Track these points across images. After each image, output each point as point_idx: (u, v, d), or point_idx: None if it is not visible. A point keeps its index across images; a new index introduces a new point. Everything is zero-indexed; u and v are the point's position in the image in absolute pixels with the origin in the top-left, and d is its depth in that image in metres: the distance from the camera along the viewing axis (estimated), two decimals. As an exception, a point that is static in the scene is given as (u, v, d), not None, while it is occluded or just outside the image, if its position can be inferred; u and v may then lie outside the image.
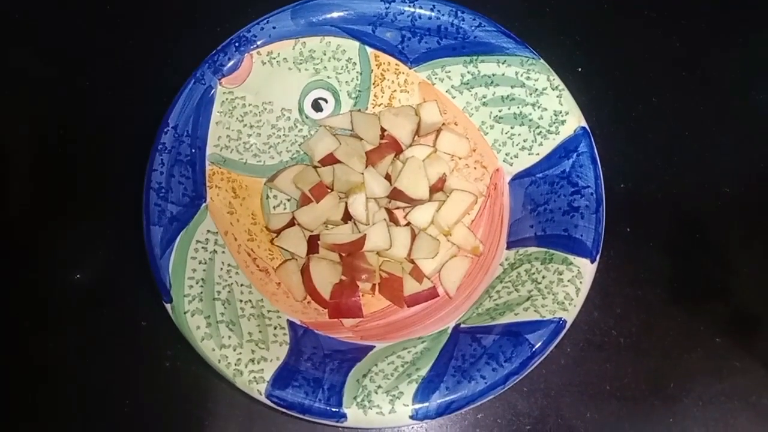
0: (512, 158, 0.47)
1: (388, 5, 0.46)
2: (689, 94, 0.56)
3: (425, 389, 0.37)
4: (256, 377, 0.38)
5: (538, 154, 0.45)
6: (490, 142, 0.48)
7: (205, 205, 0.43)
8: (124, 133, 0.52)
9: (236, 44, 0.45)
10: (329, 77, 0.49)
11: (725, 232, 0.52)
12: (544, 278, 0.41)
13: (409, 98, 0.49)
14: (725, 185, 0.53)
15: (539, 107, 0.45)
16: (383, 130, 0.48)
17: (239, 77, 0.46)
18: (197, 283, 0.40)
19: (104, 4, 0.58)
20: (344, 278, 0.45)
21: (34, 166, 0.52)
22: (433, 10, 0.45)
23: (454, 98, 0.48)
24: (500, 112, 0.47)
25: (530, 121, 0.45)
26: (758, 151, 0.55)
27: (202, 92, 0.44)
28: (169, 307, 0.39)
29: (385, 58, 0.48)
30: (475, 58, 0.46)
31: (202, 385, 0.46)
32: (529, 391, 0.47)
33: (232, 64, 0.45)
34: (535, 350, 0.38)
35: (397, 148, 0.48)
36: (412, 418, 0.37)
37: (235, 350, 0.38)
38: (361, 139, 0.48)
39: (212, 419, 0.45)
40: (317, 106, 0.49)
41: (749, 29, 0.58)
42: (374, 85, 0.49)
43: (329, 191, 0.47)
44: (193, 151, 0.44)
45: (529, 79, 0.45)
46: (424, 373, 0.38)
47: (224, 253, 0.43)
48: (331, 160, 0.48)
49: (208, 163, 0.45)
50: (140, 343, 0.47)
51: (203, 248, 0.42)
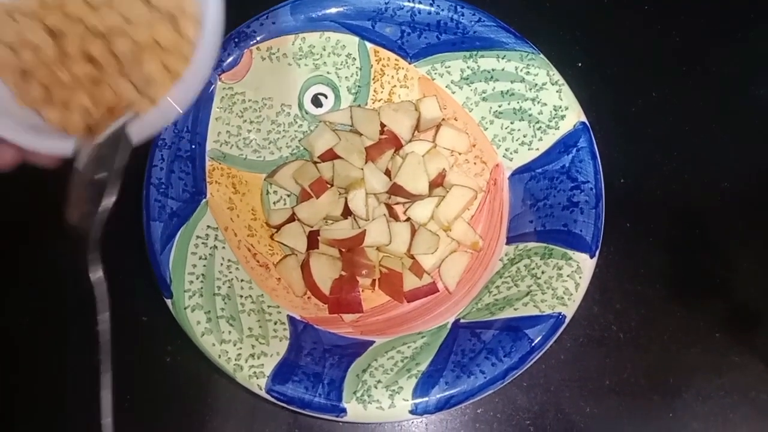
0: (512, 153, 0.47)
1: (387, 0, 0.46)
2: (689, 89, 0.56)
3: (425, 384, 0.38)
4: (256, 372, 0.38)
5: (537, 149, 0.45)
6: (489, 137, 0.48)
7: (205, 200, 0.43)
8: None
9: (236, 40, 0.45)
10: (329, 73, 0.49)
11: (725, 227, 0.52)
12: (543, 273, 0.41)
13: (408, 93, 0.49)
14: (725, 180, 0.53)
15: (539, 102, 0.45)
16: (383, 125, 0.48)
17: (239, 73, 0.46)
18: (197, 278, 0.40)
19: None
20: (344, 273, 0.45)
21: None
22: (432, 5, 0.45)
23: (453, 93, 0.48)
24: (500, 107, 0.47)
25: (530, 116, 0.45)
26: (758, 146, 0.54)
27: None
28: (169, 302, 0.39)
29: (384, 53, 0.48)
30: (474, 53, 0.46)
31: (202, 380, 0.46)
32: (528, 385, 0.47)
33: (231, 59, 0.45)
34: (534, 345, 0.38)
35: (396, 143, 0.48)
36: (411, 412, 0.37)
37: (235, 345, 0.38)
38: (360, 134, 0.48)
39: (212, 414, 0.45)
40: (317, 101, 0.49)
41: (749, 24, 0.58)
42: (374, 80, 0.49)
43: (329, 187, 0.47)
44: (193, 147, 0.44)
45: (528, 74, 0.45)
46: (423, 368, 0.39)
47: (224, 248, 0.43)
48: (330, 155, 0.48)
49: (208, 158, 0.45)
50: (141, 338, 0.47)
51: (203, 244, 0.42)
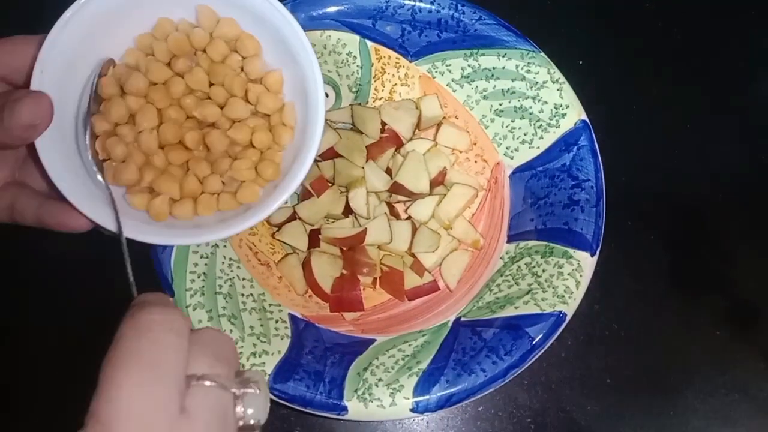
0: (513, 152, 0.47)
1: (388, -1, 0.46)
2: (690, 86, 0.56)
3: (426, 382, 0.38)
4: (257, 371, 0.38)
5: (538, 147, 0.45)
6: (490, 135, 0.48)
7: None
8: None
9: (236, 38, 0.45)
10: (330, 71, 0.48)
11: (725, 224, 0.52)
12: (544, 271, 0.41)
13: (409, 92, 0.49)
14: (726, 177, 0.53)
15: (540, 100, 0.45)
16: (384, 123, 0.48)
17: (239, 71, 0.45)
18: (199, 277, 0.40)
19: None
20: (345, 272, 0.46)
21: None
22: (433, 3, 0.45)
23: (454, 92, 0.48)
24: (501, 105, 0.47)
25: (531, 114, 0.45)
26: (758, 143, 0.54)
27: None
28: (171, 300, 0.40)
29: (385, 51, 0.48)
30: (475, 51, 0.46)
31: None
32: (529, 383, 0.47)
33: (232, 58, 0.45)
34: (535, 343, 0.38)
35: (397, 141, 0.48)
36: (412, 411, 0.37)
37: (236, 344, 0.39)
38: (361, 133, 0.48)
39: (215, 412, 0.45)
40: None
41: (750, 21, 0.58)
42: (375, 78, 0.49)
43: (330, 185, 0.47)
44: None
45: (529, 72, 0.45)
46: (424, 366, 0.39)
47: (226, 247, 0.43)
48: (331, 154, 0.48)
49: (209, 157, 0.45)
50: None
51: (205, 243, 0.42)
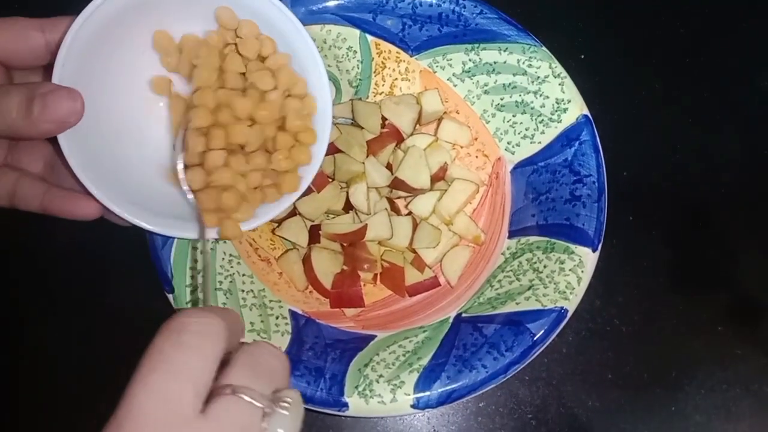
0: (514, 147, 0.46)
1: (388, -7, 0.45)
2: (692, 81, 0.55)
3: (426, 378, 0.38)
4: (258, 367, 0.38)
5: (540, 142, 0.45)
6: (491, 130, 0.47)
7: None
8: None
9: (236, 33, 0.44)
10: (330, 66, 0.48)
11: (728, 220, 0.52)
12: (545, 267, 0.41)
13: (410, 86, 0.49)
14: (728, 173, 0.53)
15: (541, 95, 0.45)
16: (384, 118, 0.48)
17: (239, 66, 0.45)
18: (199, 273, 0.40)
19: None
20: (345, 268, 0.45)
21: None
22: (434, -3, 0.45)
23: (455, 86, 0.48)
24: (502, 100, 0.46)
25: (532, 109, 0.45)
26: (761, 138, 0.54)
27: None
28: (171, 297, 0.39)
29: (386, 46, 0.48)
30: (476, 45, 0.46)
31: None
32: (530, 379, 0.47)
33: (231, 53, 0.45)
34: (536, 339, 0.38)
35: (398, 137, 0.48)
36: (413, 407, 0.37)
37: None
38: (361, 128, 0.48)
39: (215, 408, 0.45)
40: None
41: (753, 16, 0.58)
42: (375, 73, 0.49)
43: (330, 181, 0.47)
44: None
45: (531, 66, 0.45)
46: (425, 362, 0.39)
47: (226, 243, 0.43)
48: (332, 149, 0.48)
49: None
50: (142, 333, 0.47)
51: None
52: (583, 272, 0.40)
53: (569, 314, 0.39)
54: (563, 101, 0.44)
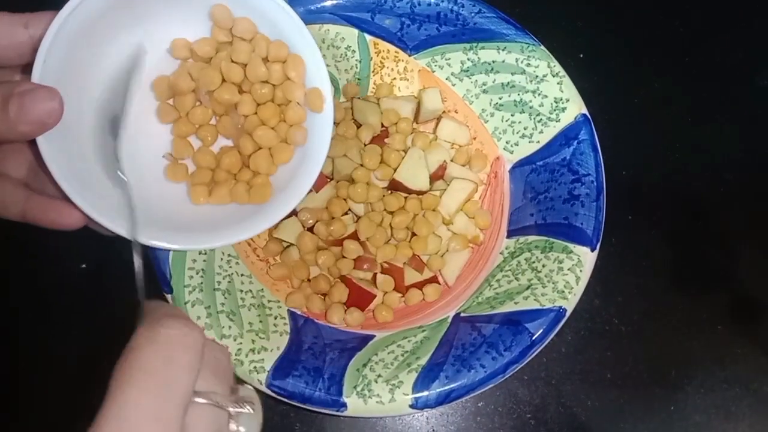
0: (513, 146, 0.46)
1: (386, -8, 0.45)
2: (691, 79, 0.55)
3: (425, 378, 0.38)
4: (256, 367, 0.38)
5: (538, 141, 0.45)
6: (490, 130, 0.47)
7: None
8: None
9: (234, 33, 0.44)
10: (328, 65, 0.48)
11: (727, 219, 0.52)
12: (544, 267, 0.41)
13: (409, 86, 0.49)
14: (728, 172, 0.53)
15: (540, 94, 0.45)
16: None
17: (237, 66, 0.45)
18: (197, 273, 0.40)
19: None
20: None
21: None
22: (432, -4, 0.45)
23: (454, 86, 0.48)
24: (500, 99, 0.46)
25: (531, 108, 0.45)
26: (761, 137, 0.54)
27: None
28: (169, 297, 0.39)
29: (384, 45, 0.48)
30: (475, 44, 0.46)
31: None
32: (529, 379, 0.47)
33: (230, 53, 0.45)
34: (534, 339, 0.38)
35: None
36: (411, 407, 0.37)
37: (235, 340, 0.38)
38: (359, 127, 0.48)
39: (214, 408, 0.45)
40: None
41: (752, 13, 0.58)
42: (374, 72, 0.49)
43: (328, 181, 0.47)
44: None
45: (529, 65, 0.45)
46: (423, 362, 0.38)
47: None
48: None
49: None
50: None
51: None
52: (581, 271, 0.40)
53: (568, 314, 0.39)
54: (562, 100, 0.44)
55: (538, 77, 0.45)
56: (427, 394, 0.37)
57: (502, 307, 0.40)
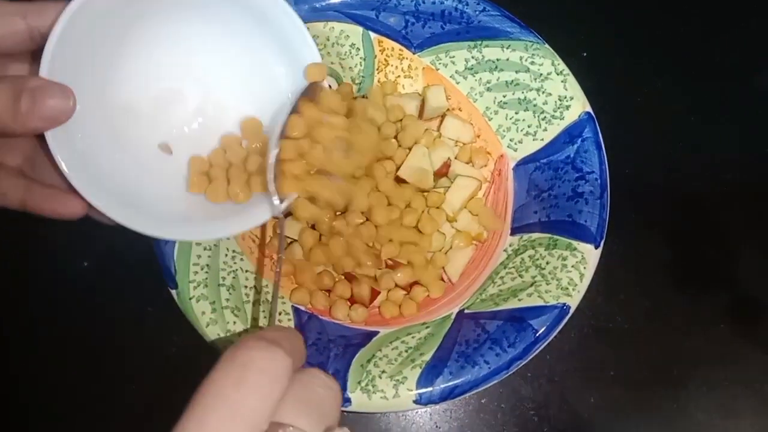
0: (516, 144, 0.47)
1: (391, -10, 0.45)
2: (694, 79, 0.56)
3: (429, 374, 0.38)
4: (261, 362, 0.38)
5: (542, 139, 0.45)
6: (494, 127, 0.48)
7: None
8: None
9: (239, 30, 0.45)
10: (332, 63, 0.48)
11: (729, 218, 0.52)
12: (548, 264, 0.41)
13: (413, 84, 0.49)
14: (730, 170, 0.53)
15: (544, 92, 0.45)
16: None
17: (242, 63, 0.45)
18: (202, 269, 0.40)
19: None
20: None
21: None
22: (437, -6, 0.45)
23: (458, 83, 0.48)
24: (504, 97, 0.46)
25: (535, 106, 0.45)
26: (763, 136, 0.54)
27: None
28: (174, 293, 0.40)
29: (388, 43, 0.48)
30: (479, 42, 0.46)
31: (207, 370, 0.46)
32: (533, 376, 0.47)
33: (235, 49, 0.45)
34: (538, 336, 0.38)
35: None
36: (415, 402, 0.37)
37: (240, 336, 0.39)
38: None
39: (218, 404, 0.45)
40: (321, 92, 0.49)
41: (754, 13, 0.58)
42: (378, 70, 0.49)
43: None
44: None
45: (533, 63, 0.45)
46: (427, 358, 0.39)
47: (229, 239, 0.43)
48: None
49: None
50: (145, 329, 0.47)
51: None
52: (585, 269, 0.40)
53: (571, 310, 0.39)
54: (566, 98, 0.44)
55: (542, 75, 0.45)
56: (431, 390, 0.37)
57: (505, 303, 0.41)
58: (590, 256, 0.40)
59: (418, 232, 0.45)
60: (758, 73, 0.56)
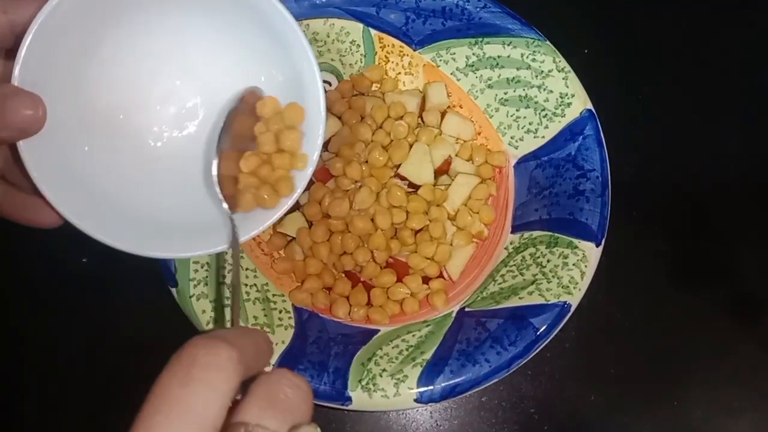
0: (517, 141, 0.46)
1: (392, -14, 0.45)
2: (695, 75, 0.55)
3: (430, 372, 0.38)
4: (261, 361, 0.38)
5: (543, 137, 0.45)
6: (495, 125, 0.47)
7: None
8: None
9: (239, 26, 0.44)
10: (333, 60, 0.48)
11: (730, 215, 0.52)
12: (549, 262, 0.41)
13: (413, 80, 0.49)
14: (731, 168, 0.53)
15: (545, 89, 0.45)
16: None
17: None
18: (202, 267, 0.40)
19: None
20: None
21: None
22: (437, -10, 0.45)
23: (459, 80, 0.48)
24: (506, 94, 0.46)
25: (536, 103, 0.45)
26: (765, 133, 0.54)
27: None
28: (174, 291, 0.39)
29: (389, 40, 0.48)
30: (480, 39, 0.46)
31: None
32: (533, 374, 0.47)
33: (235, 46, 0.44)
34: (539, 334, 0.38)
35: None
36: (416, 401, 0.37)
37: (240, 334, 0.38)
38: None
39: (218, 402, 0.45)
40: (321, 89, 0.49)
41: (757, 9, 0.58)
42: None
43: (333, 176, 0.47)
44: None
45: (534, 60, 0.45)
46: (428, 356, 0.39)
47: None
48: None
49: (211, 146, 0.44)
50: (146, 327, 0.47)
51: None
52: (586, 267, 0.40)
53: (572, 309, 0.39)
54: (567, 96, 0.44)
55: (543, 72, 0.44)
56: (431, 388, 0.37)
57: (506, 302, 0.41)
58: (591, 254, 0.40)
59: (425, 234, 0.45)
60: (760, 70, 0.56)
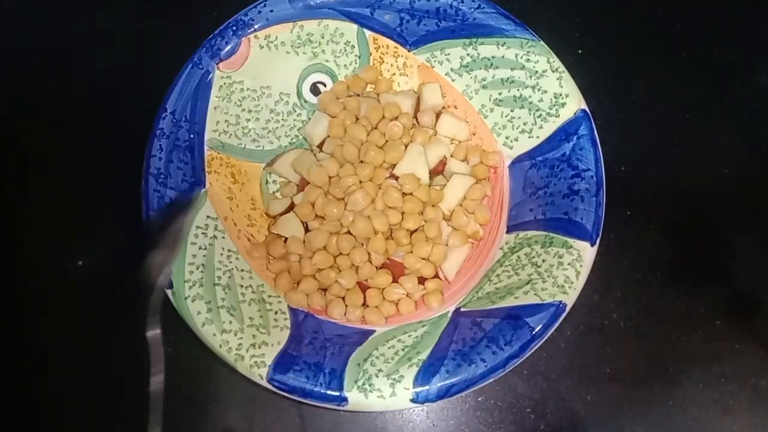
0: (512, 141, 0.46)
1: (386, -13, 0.45)
2: (690, 75, 0.56)
3: (426, 373, 0.38)
4: (257, 362, 0.38)
5: (538, 137, 0.45)
6: (489, 125, 0.47)
7: (204, 190, 0.43)
8: (122, 119, 0.52)
9: (233, 28, 0.44)
10: (327, 61, 0.48)
11: (726, 214, 0.52)
12: (544, 262, 0.41)
13: (408, 81, 0.49)
14: (726, 167, 0.53)
15: (539, 90, 0.45)
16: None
17: (237, 61, 0.45)
18: (197, 268, 0.40)
19: (100, -12, 0.57)
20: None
21: (32, 153, 0.52)
22: (432, -9, 0.45)
23: (453, 81, 0.48)
24: (500, 95, 0.46)
25: (530, 103, 0.45)
26: (759, 132, 0.54)
27: (199, 77, 0.44)
28: (169, 292, 0.39)
29: (383, 41, 0.48)
30: (474, 40, 0.46)
31: (203, 370, 0.46)
32: (529, 374, 0.47)
33: (229, 48, 0.45)
34: (535, 333, 0.38)
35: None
36: (412, 401, 0.37)
37: (236, 335, 0.38)
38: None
39: (214, 404, 0.45)
40: (315, 90, 0.49)
41: (752, 9, 0.58)
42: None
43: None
44: (191, 136, 0.44)
45: (528, 61, 0.45)
46: (424, 356, 0.39)
47: (224, 238, 0.43)
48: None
49: (206, 148, 0.45)
50: (140, 328, 0.47)
51: (203, 234, 0.42)
52: (581, 266, 0.40)
53: (568, 308, 0.39)
54: (561, 96, 0.44)
55: (537, 72, 0.45)
56: (427, 388, 0.37)
57: (502, 301, 0.41)
58: (586, 253, 0.40)
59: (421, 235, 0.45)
60: (756, 69, 0.56)
